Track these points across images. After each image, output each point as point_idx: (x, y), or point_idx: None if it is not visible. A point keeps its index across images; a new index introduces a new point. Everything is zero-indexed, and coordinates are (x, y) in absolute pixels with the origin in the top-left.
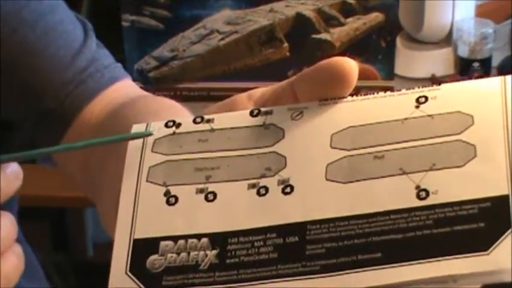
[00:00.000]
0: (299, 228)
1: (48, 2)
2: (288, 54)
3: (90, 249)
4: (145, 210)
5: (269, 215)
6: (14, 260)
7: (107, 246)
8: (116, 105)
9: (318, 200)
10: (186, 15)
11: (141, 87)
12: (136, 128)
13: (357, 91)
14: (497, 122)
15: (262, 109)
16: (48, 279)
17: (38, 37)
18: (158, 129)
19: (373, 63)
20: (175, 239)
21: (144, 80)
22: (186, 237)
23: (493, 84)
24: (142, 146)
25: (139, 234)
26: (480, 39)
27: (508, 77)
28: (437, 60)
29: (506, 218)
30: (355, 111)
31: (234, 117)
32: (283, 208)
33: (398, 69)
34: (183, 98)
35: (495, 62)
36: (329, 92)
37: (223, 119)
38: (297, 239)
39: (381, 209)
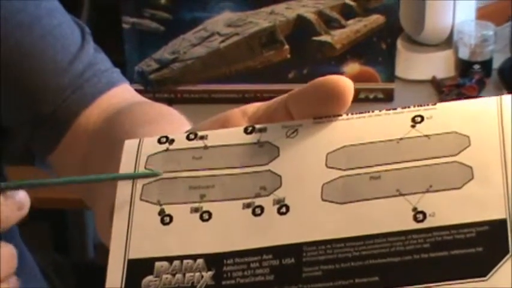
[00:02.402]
0: (295, 249)
1: (46, 5)
2: (288, 56)
3: (91, 250)
4: (139, 229)
5: (265, 235)
6: None
7: (108, 248)
8: (113, 111)
9: (313, 220)
10: (187, 18)
11: (141, 90)
12: (128, 144)
13: (357, 93)
14: (494, 143)
15: (257, 126)
16: (48, 281)
17: (35, 41)
18: (151, 145)
19: (374, 66)
20: (170, 259)
21: (145, 82)
22: (181, 257)
23: (489, 104)
24: (135, 163)
25: (133, 255)
26: (481, 41)
27: (504, 96)
28: (438, 63)
29: (504, 243)
30: (351, 130)
31: (228, 134)
32: (279, 229)
33: (399, 72)
34: (183, 100)
35: (496, 64)
36: (324, 110)
37: (217, 136)
38: (293, 260)
39: (378, 231)
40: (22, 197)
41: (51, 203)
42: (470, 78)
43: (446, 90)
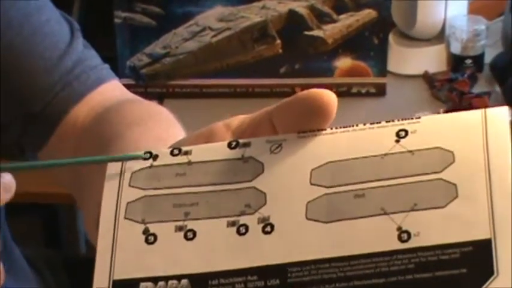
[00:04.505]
0: (280, 270)
1: (35, 2)
2: (280, 51)
3: (82, 246)
4: (124, 249)
5: (249, 255)
6: None
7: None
8: (102, 109)
9: (298, 240)
10: (178, 12)
11: (133, 85)
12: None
13: (349, 88)
14: (478, 159)
15: (240, 141)
16: (39, 276)
17: (25, 39)
18: (135, 161)
19: (366, 60)
20: (155, 280)
21: (136, 77)
22: (166, 278)
23: (473, 117)
24: (119, 181)
25: (118, 275)
26: (473, 36)
27: (489, 110)
28: (430, 57)
29: (489, 264)
30: (335, 145)
31: (212, 149)
32: (264, 248)
33: (391, 66)
34: (175, 95)
35: (487, 59)
36: (308, 124)
37: (201, 151)
38: (278, 282)
39: (363, 251)
40: (8, 179)
41: (43, 198)
42: (462, 73)
43: (438, 84)
